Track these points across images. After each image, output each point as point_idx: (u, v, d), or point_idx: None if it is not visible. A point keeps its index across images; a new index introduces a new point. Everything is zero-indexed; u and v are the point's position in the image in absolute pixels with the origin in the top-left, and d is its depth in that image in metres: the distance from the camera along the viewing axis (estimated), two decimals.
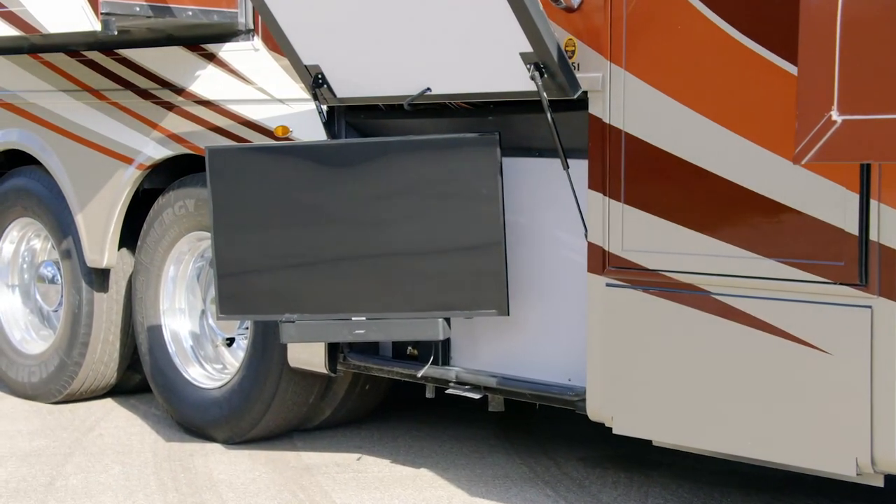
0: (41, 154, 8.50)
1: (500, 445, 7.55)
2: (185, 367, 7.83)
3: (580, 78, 5.75)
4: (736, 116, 5.27)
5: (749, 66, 5.21)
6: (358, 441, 7.69)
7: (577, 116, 5.86)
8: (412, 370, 6.71)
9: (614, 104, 5.65)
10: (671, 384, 5.57)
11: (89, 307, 8.37)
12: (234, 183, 6.64)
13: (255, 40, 7.19)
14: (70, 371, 8.52)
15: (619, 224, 5.67)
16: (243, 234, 6.67)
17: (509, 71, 5.83)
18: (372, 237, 6.42)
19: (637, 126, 5.58)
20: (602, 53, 5.69)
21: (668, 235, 5.51)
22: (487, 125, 6.30)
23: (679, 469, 6.95)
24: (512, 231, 6.25)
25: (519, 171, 6.29)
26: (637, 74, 5.56)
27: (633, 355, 5.69)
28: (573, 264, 6.13)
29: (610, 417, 5.81)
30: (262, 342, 7.31)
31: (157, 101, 7.69)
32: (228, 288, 6.70)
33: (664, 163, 5.50)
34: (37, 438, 7.88)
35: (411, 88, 6.25)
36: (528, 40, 5.64)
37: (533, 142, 6.26)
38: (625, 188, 5.64)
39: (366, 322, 6.43)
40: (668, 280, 5.54)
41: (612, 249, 5.71)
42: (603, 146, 5.69)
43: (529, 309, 6.35)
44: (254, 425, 7.48)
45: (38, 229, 8.93)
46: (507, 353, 6.47)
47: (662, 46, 5.48)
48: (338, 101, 6.60)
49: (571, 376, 6.19)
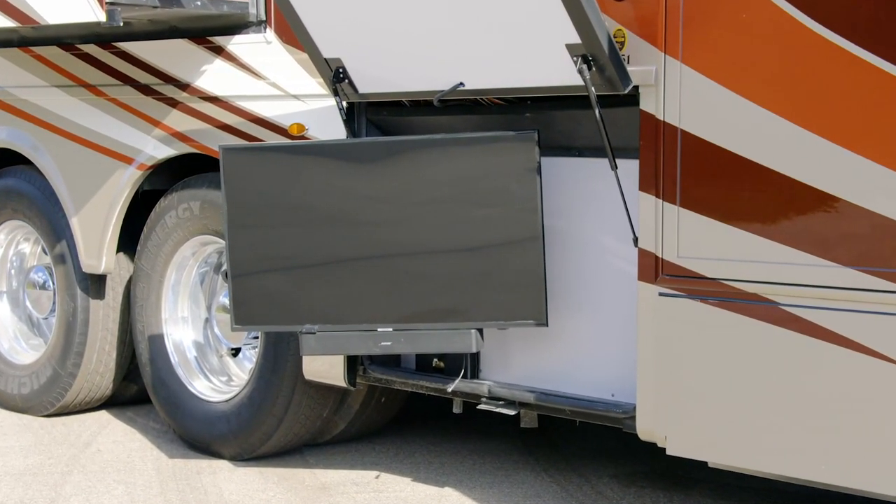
0: (32, 153, 8.06)
1: (525, 461, 7.14)
2: (188, 378, 7.39)
3: (631, 71, 5.33)
4: (809, 112, 4.87)
5: (825, 57, 4.80)
6: (374, 457, 7.27)
7: (626, 113, 5.47)
8: (440, 384, 6.29)
9: (669, 99, 5.25)
10: (732, 402, 5.16)
11: (84, 315, 7.93)
12: (250, 184, 6.21)
13: (268, 32, 6.75)
14: (64, 382, 8.08)
15: (674, 229, 5.27)
16: (259, 240, 6.24)
17: (552, 64, 5.41)
18: (398, 242, 6.00)
19: (695, 123, 5.18)
20: (655, 45, 5.28)
21: (730, 241, 5.11)
22: (524, 122, 5.89)
23: (719, 487, 6.56)
24: (550, 236, 5.83)
25: (557, 172, 5.88)
26: (695, 67, 5.16)
27: (689, 370, 5.28)
28: (617, 271, 5.73)
29: (663, 437, 5.40)
30: (274, 352, 6.88)
31: (160, 98, 7.25)
32: (244, 296, 6.26)
33: (726, 162, 5.10)
34: (31, 455, 7.42)
35: (441, 83, 5.83)
36: (575, 30, 5.21)
37: (573, 140, 5.85)
38: (681, 190, 5.23)
39: (392, 333, 6.01)
40: (730, 289, 5.13)
41: (666, 256, 5.31)
42: (656, 145, 5.29)
43: (568, 319, 5.94)
44: (264, 441, 7.05)
45: (28, 232, 8.50)
46: (543, 366, 6.06)
47: (724, 37, 5.08)
48: (359, 97, 6.17)
49: (615, 392, 5.79)
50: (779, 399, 5.03)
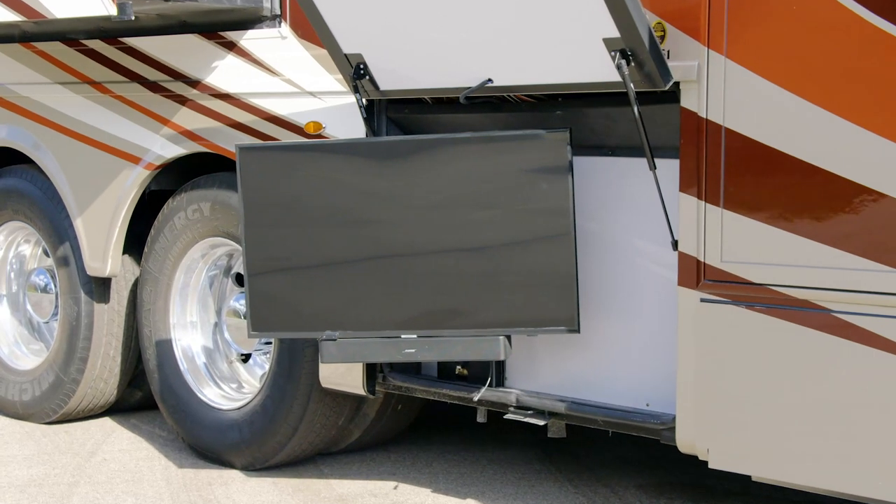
0: (34, 152, 7.80)
1: (547, 471, 6.89)
2: (198, 386, 7.14)
3: (671, 67, 5.08)
4: (865, 109, 4.64)
5: (884, 51, 4.57)
6: (390, 466, 7.02)
7: (663, 110, 5.24)
8: (465, 393, 6.03)
9: (713, 96, 5.01)
10: (780, 414, 4.92)
11: (89, 319, 7.67)
12: (267, 185, 5.96)
13: (283, 27, 6.49)
14: (67, 388, 7.82)
15: (717, 232, 5.03)
16: (277, 242, 5.99)
17: (587, 59, 5.17)
18: (422, 245, 5.75)
19: (741, 120, 4.94)
20: (698, 39, 5.04)
21: (778, 245, 4.87)
22: (554, 120, 5.65)
23: (752, 499, 6.31)
24: (581, 238, 5.59)
25: (588, 172, 5.63)
26: (740, 62, 4.92)
27: (733, 380, 5.04)
28: (652, 276, 5.50)
29: (705, 450, 5.17)
30: (289, 359, 6.63)
31: (168, 95, 7.00)
32: (261, 302, 6.01)
33: (774, 162, 4.86)
34: (34, 465, 7.15)
35: (467, 80, 5.58)
36: (614, 24, 4.97)
37: (605, 138, 5.62)
38: (724, 191, 5.00)
39: (416, 340, 5.76)
40: (778, 295, 4.89)
41: (708, 261, 5.07)
42: (698, 144, 5.06)
43: (600, 325, 5.70)
44: (278, 451, 6.79)
45: (28, 234, 8.24)
46: (572, 374, 5.82)
47: (772, 29, 4.85)
48: (380, 95, 5.92)
49: (650, 401, 5.55)
50: (831, 412, 4.79)
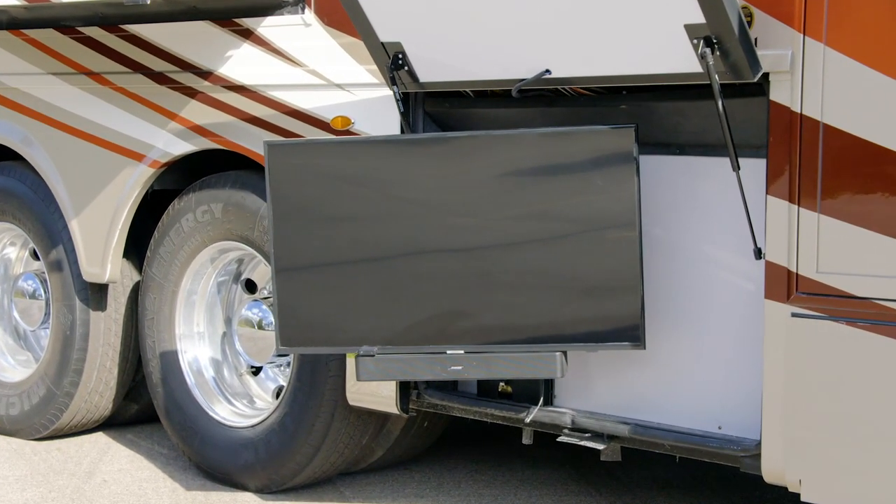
0: (24, 148, 7.26)
1: (587, 493, 6.40)
2: (208, 402, 6.61)
3: (760, 56, 4.59)
4: None
5: None
6: (415, 488, 6.51)
7: (745, 104, 4.76)
8: (513, 413, 5.53)
9: (809, 89, 4.53)
10: (887, 445, 4.43)
11: (84, 328, 7.12)
12: (299, 186, 5.44)
13: (307, 13, 5.96)
14: (59, 402, 7.27)
15: (812, 239, 4.56)
16: (309, 248, 5.47)
17: (662, 48, 4.68)
18: (470, 252, 5.26)
19: (842, 116, 4.47)
20: (791, 24, 4.56)
21: (885, 255, 4.39)
22: (617, 115, 5.15)
23: None
24: (647, 244, 5.09)
25: (655, 172, 5.14)
26: (843, 51, 4.45)
27: (829, 404, 4.57)
28: (727, 286, 5.02)
29: (797, 481, 4.68)
30: (311, 373, 6.11)
31: (176, 87, 6.46)
32: (291, 314, 5.49)
33: (881, 162, 4.41)
34: (28, 487, 6.60)
35: (517, 71, 5.08)
36: (699, 7, 4.47)
37: (673, 135, 5.13)
38: (822, 194, 4.52)
39: (464, 357, 5.26)
40: (884, 310, 4.42)
41: (801, 271, 4.59)
42: (790, 141, 4.58)
43: (665, 340, 5.20)
44: (297, 472, 6.27)
45: (15, 236, 7.69)
46: (632, 393, 5.33)
47: (881, 12, 4.35)
48: (418, 87, 5.40)
49: (722, 424, 5.07)
50: None
